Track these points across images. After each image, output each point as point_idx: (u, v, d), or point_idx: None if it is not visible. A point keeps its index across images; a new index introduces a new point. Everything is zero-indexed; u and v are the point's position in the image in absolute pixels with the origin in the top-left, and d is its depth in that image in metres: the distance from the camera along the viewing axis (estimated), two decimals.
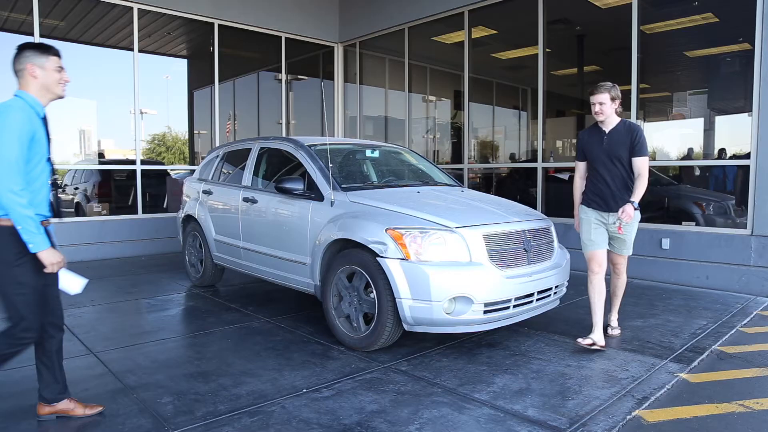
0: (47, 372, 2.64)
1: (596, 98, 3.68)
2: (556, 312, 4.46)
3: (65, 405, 2.67)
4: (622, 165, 3.68)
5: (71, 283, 2.63)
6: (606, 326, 4.00)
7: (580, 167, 3.98)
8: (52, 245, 2.44)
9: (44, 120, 2.47)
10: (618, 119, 3.75)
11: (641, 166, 3.64)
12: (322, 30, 9.80)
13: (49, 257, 2.38)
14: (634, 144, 3.64)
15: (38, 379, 2.65)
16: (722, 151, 5.96)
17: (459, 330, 3.46)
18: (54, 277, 2.58)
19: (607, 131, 3.74)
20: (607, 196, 3.74)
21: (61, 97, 2.54)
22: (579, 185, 3.99)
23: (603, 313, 3.80)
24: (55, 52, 2.51)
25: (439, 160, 9.16)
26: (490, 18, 7.94)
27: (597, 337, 3.70)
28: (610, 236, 3.82)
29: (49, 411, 2.67)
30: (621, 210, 3.56)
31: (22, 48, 2.47)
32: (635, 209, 3.57)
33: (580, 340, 3.71)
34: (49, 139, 2.49)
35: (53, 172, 2.54)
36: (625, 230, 3.73)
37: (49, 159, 2.49)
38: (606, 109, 3.68)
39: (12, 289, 2.36)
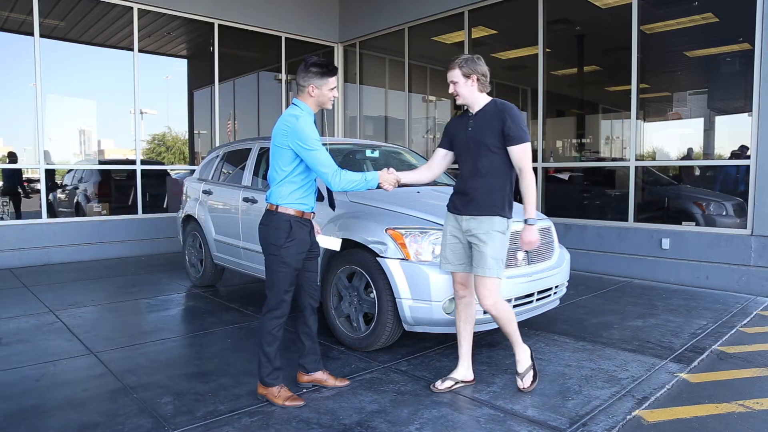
0: (310, 344, 3.05)
1: (448, 76, 2.90)
2: (556, 312, 4.47)
3: (320, 375, 3.06)
4: (488, 157, 2.85)
5: (330, 243, 3.16)
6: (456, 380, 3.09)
7: (435, 153, 3.15)
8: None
9: None
10: (487, 99, 2.92)
11: (519, 157, 2.80)
12: (322, 30, 9.80)
13: (387, 180, 2.92)
14: (505, 128, 2.78)
15: (299, 351, 3.07)
16: (744, 148, 5.66)
17: None
18: (315, 264, 3.03)
19: (473, 113, 2.93)
20: (460, 194, 2.97)
21: (326, 109, 2.94)
22: (420, 168, 3.24)
23: (471, 342, 3.11)
24: (333, 75, 2.81)
25: None
26: (490, 18, 7.94)
27: (461, 374, 3.08)
28: (472, 250, 2.94)
29: (307, 380, 3.06)
30: (520, 239, 2.88)
31: (308, 66, 2.77)
32: (529, 225, 2.84)
33: (438, 384, 3.03)
34: None
35: None
36: (483, 241, 2.85)
37: None
38: (461, 89, 2.86)
39: (277, 266, 2.80)
